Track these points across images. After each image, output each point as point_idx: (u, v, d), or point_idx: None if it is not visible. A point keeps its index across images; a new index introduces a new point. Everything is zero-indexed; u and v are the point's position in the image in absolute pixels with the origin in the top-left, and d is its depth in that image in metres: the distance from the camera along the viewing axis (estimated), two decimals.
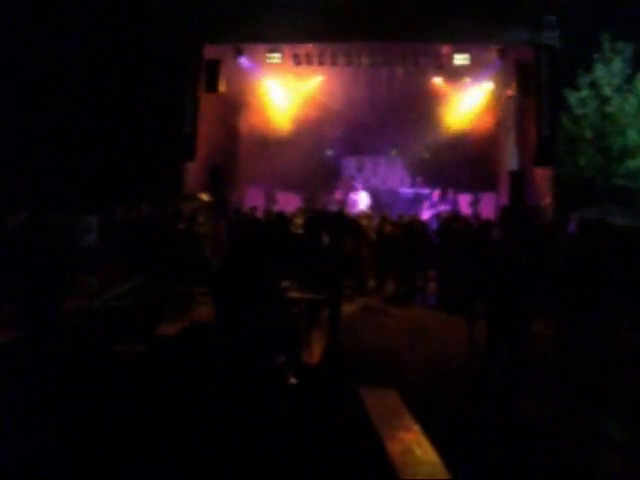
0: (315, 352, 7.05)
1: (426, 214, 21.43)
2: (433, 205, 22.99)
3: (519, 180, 21.64)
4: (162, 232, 14.22)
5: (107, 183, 21.18)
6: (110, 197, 17.99)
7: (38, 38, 22.22)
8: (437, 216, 20.86)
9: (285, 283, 8.16)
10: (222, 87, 22.75)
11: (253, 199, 22.53)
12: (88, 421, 5.63)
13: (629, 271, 10.48)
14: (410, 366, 9.46)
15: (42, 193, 18.58)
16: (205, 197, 20.57)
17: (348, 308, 12.62)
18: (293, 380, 6.63)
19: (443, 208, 22.38)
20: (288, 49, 22.29)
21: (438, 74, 23.98)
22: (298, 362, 6.78)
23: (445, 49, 21.92)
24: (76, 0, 22.93)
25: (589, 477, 4.67)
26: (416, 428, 6.59)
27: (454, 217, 17.59)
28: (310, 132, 24.92)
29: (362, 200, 23.44)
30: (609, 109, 21.47)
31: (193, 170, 22.03)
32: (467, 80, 23.89)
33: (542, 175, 21.04)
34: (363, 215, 19.64)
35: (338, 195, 24.22)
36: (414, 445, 6.14)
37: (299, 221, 16.13)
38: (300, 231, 13.94)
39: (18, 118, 21.58)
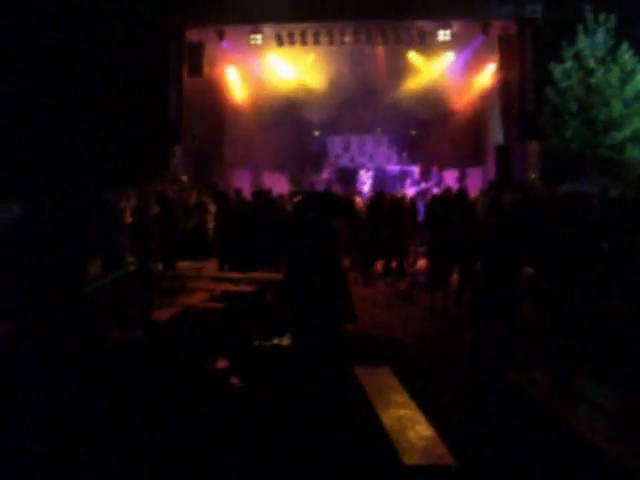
0: None
1: (410, 192, 21.42)
2: (415, 182, 23.06)
3: (505, 154, 21.64)
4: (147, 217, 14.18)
5: (93, 169, 21.09)
6: (97, 182, 17.94)
7: (17, 22, 22.05)
8: (422, 193, 20.95)
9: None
10: (206, 71, 22.71)
11: (240, 181, 22.47)
12: (86, 409, 5.65)
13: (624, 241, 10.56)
14: (402, 343, 9.51)
15: (26, 181, 18.50)
16: (185, 179, 20.67)
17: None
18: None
19: (425, 185, 22.45)
20: (270, 30, 22.20)
21: (421, 50, 23.86)
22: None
23: (427, 25, 21.81)
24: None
25: (588, 449, 4.71)
26: (411, 404, 6.63)
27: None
28: (295, 112, 24.85)
29: (367, 181, 23.61)
30: (593, 81, 21.53)
31: (179, 154, 22.03)
32: (450, 56, 23.81)
33: (528, 149, 21.04)
34: (352, 193, 19.60)
35: (325, 175, 24.22)
36: (410, 421, 6.18)
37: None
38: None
39: None
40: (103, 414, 5.63)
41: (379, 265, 15.66)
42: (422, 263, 15.77)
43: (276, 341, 7.20)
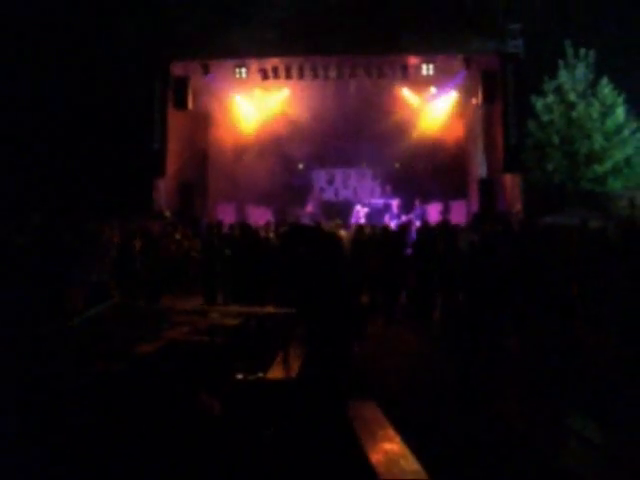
0: (293, 368, 6.99)
1: (391, 225, 21.39)
2: (394, 216, 23.06)
3: (489, 187, 21.73)
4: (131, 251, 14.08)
5: (74, 201, 20.95)
6: (79, 214, 17.83)
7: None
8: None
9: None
10: (190, 104, 22.76)
11: (224, 215, 22.41)
12: (66, 444, 5.55)
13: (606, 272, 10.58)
14: (387, 376, 9.44)
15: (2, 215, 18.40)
16: (168, 214, 20.51)
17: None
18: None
19: (406, 218, 22.47)
20: (255, 64, 22.36)
21: (405, 85, 24.09)
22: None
23: (411, 60, 22.02)
24: (42, 17, 22.73)
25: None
26: (398, 439, 6.56)
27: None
28: (279, 146, 24.98)
29: (360, 210, 23.64)
30: (575, 114, 21.67)
31: (163, 187, 21.93)
32: (433, 90, 24.01)
33: (512, 181, 21.15)
34: (337, 226, 19.56)
35: (309, 208, 24.22)
36: (397, 456, 6.11)
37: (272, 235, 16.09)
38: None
39: None
40: (83, 449, 5.54)
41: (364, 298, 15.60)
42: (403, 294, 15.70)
43: (261, 375, 7.13)
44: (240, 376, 7.21)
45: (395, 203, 23.62)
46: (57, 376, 5.97)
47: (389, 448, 6.27)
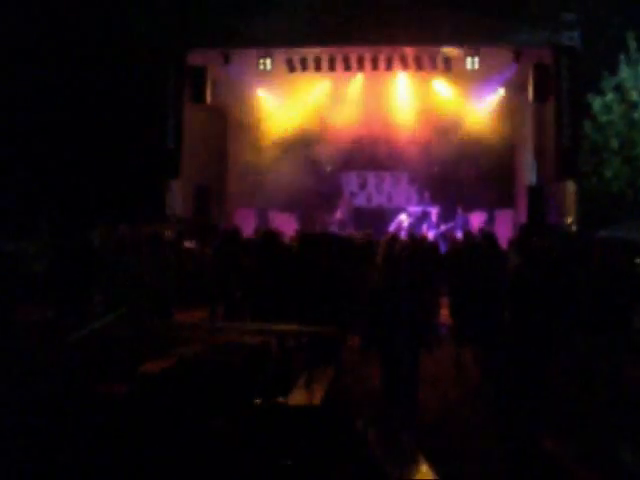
0: (317, 392, 6.97)
1: (429, 235, 21.27)
2: (433, 226, 22.91)
3: (538, 195, 21.53)
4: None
5: (82, 203, 21.05)
6: (86, 219, 17.89)
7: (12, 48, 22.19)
8: (442, 236, 20.80)
9: None
10: (209, 97, 22.62)
11: (243, 221, 22.40)
12: (66, 471, 5.56)
13: None
14: (422, 404, 9.38)
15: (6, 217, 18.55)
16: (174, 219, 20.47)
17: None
18: None
19: (445, 227, 22.35)
20: (281, 54, 22.23)
21: (447, 79, 23.95)
22: None
23: (454, 52, 21.88)
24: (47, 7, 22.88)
25: None
26: (432, 475, 6.50)
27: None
28: (307, 146, 24.81)
29: (405, 221, 23.52)
30: (637, 115, 21.44)
31: (177, 189, 21.89)
32: (479, 85, 23.87)
33: (564, 190, 20.93)
34: (366, 235, 19.47)
35: (339, 215, 24.14)
36: None
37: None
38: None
39: None
40: (86, 477, 5.55)
41: None
42: (445, 314, 15.60)
43: (281, 399, 7.10)
44: (258, 400, 7.19)
45: (434, 211, 23.50)
46: (55, 397, 5.98)
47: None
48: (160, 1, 22.22)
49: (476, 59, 21.62)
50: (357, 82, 23.98)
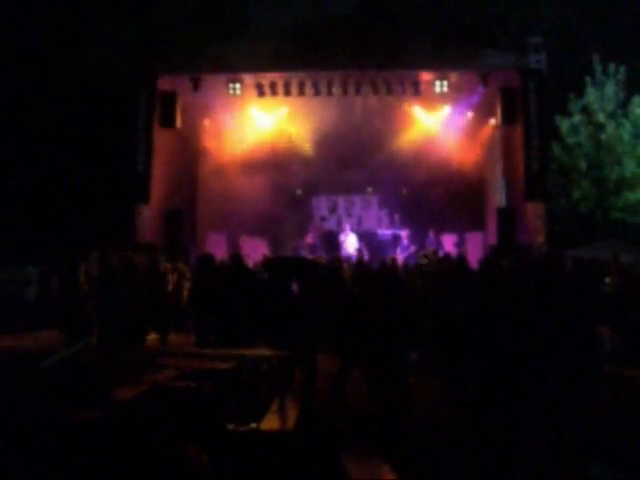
0: (290, 417, 6.95)
1: (400, 258, 21.28)
2: (405, 248, 22.94)
3: (508, 217, 21.63)
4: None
5: (49, 229, 20.89)
6: (53, 245, 17.78)
7: None
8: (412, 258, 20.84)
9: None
10: (179, 122, 22.62)
11: (214, 246, 22.32)
12: None
13: None
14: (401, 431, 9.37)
15: None
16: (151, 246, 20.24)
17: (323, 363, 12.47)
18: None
19: (414, 249, 22.40)
20: (250, 79, 22.24)
21: (416, 103, 24.04)
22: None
23: (422, 75, 21.98)
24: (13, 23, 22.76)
25: None
26: None
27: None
28: (277, 170, 24.71)
29: (351, 243, 23.41)
30: (604, 137, 21.70)
31: (147, 214, 21.76)
32: (447, 109, 24.01)
33: (533, 211, 21.03)
34: (337, 260, 19.49)
35: (309, 239, 24.09)
36: None
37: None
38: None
39: None
40: None
41: None
42: None
43: (254, 425, 7.07)
44: (231, 426, 7.16)
45: (404, 234, 23.51)
46: (25, 423, 5.92)
47: None
48: (129, 27, 22.18)
49: (445, 82, 21.77)
50: (327, 106, 23.97)
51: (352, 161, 24.94)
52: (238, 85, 22.16)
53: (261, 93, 22.53)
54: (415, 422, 9.68)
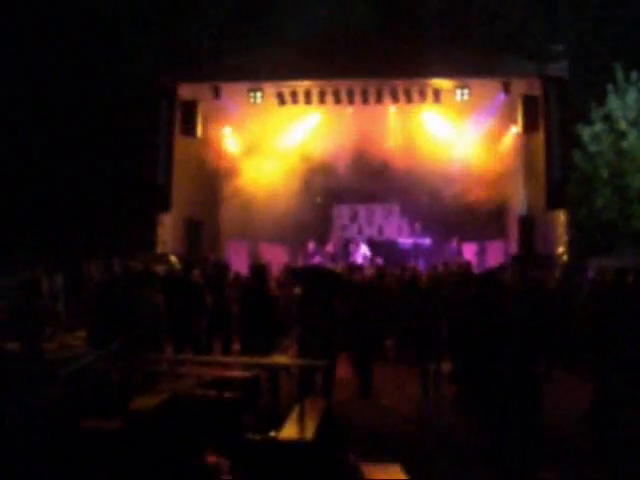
0: (309, 425, 6.93)
1: (421, 266, 21.25)
2: (425, 257, 22.88)
3: (529, 226, 21.59)
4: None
5: (71, 238, 20.92)
6: (74, 253, 17.82)
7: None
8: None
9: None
10: (200, 131, 22.74)
11: (235, 254, 22.38)
12: None
13: None
14: (413, 437, 9.35)
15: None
16: (174, 260, 20.08)
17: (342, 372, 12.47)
18: None
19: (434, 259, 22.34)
20: (271, 88, 22.37)
21: (437, 112, 24.02)
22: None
23: (443, 84, 22.00)
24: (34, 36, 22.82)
25: None
26: None
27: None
28: (297, 178, 24.67)
29: (361, 253, 23.37)
30: (625, 145, 21.50)
31: (168, 223, 21.85)
32: (468, 117, 23.94)
33: (555, 220, 20.96)
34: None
35: (329, 248, 24.07)
36: None
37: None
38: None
39: None
40: None
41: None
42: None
43: (273, 434, 7.06)
44: (250, 435, 7.15)
45: (426, 242, 23.46)
46: (44, 433, 5.93)
47: None
48: (150, 35, 22.24)
49: (465, 91, 21.77)
50: (347, 115, 23.97)
51: (373, 170, 24.92)
52: (259, 94, 22.31)
53: (282, 102, 22.64)
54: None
